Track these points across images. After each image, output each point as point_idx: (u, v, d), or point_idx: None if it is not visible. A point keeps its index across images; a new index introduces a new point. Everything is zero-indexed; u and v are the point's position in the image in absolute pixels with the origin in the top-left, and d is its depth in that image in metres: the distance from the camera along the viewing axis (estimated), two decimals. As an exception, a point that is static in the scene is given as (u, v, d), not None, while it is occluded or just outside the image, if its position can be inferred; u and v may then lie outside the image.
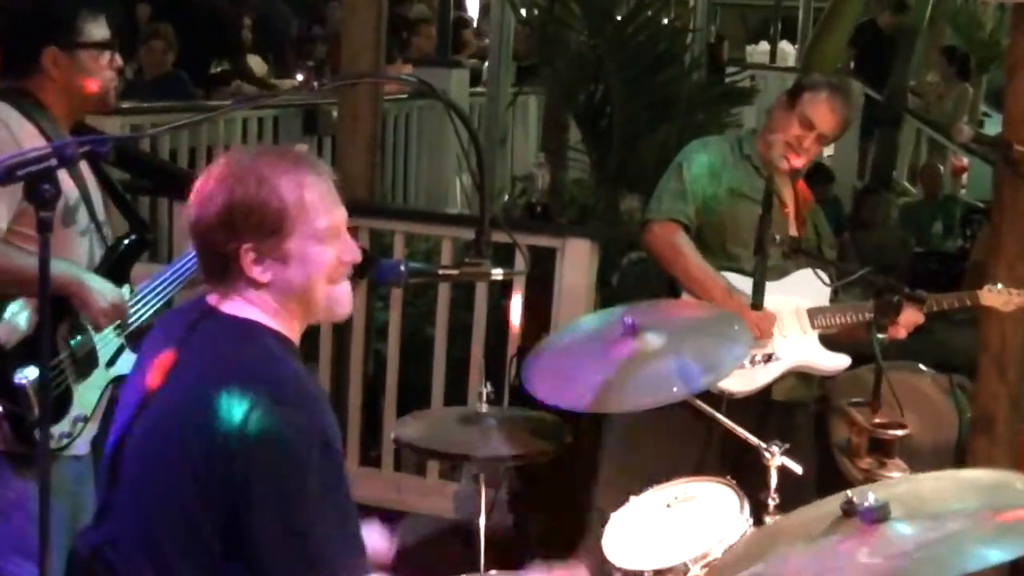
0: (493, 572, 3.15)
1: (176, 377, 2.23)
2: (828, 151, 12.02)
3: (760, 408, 3.96)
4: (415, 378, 5.74)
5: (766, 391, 3.99)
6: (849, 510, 2.20)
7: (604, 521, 3.06)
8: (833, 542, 2.17)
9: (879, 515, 2.09)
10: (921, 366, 5.47)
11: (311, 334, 5.74)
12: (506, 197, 7.90)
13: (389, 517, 2.89)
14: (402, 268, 2.59)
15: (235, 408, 2.10)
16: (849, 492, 2.25)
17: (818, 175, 9.34)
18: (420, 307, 6.49)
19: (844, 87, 4.18)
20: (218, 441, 2.10)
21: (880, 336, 3.29)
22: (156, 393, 2.25)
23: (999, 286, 4.01)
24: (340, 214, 2.31)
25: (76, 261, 3.19)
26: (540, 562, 2.70)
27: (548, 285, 5.34)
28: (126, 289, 3.31)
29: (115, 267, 3.31)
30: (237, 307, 2.27)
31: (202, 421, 2.12)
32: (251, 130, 7.71)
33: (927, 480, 2.47)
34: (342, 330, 5.74)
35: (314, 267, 2.27)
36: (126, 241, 3.38)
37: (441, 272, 2.65)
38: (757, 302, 3.11)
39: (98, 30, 3.24)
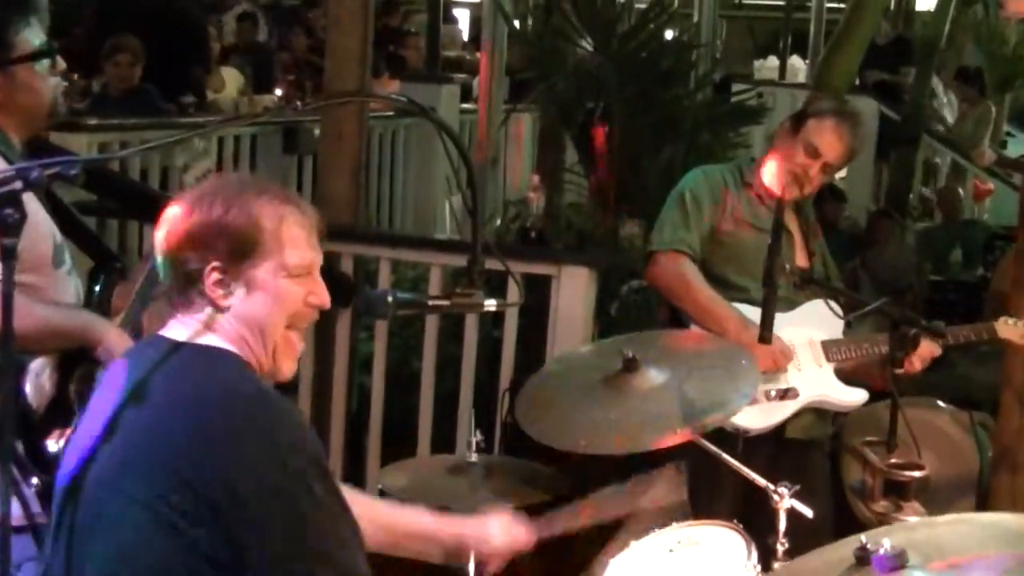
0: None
1: (143, 408, 2.23)
2: (841, 173, 12.09)
3: (774, 447, 3.98)
4: (401, 414, 5.74)
5: (781, 429, 4.01)
6: (863, 557, 2.18)
7: (603, 567, 3.06)
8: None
9: (896, 563, 2.09)
10: (940, 402, 5.49)
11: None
12: (498, 221, 7.91)
13: (374, 563, 2.90)
14: (389, 299, 2.59)
15: (210, 433, 2.14)
16: (863, 537, 2.24)
17: (829, 197, 9.40)
18: (407, 338, 6.49)
19: (852, 114, 4.20)
20: (207, 468, 2.12)
21: (899, 371, 3.30)
22: (122, 423, 2.25)
23: (1014, 320, 4.03)
24: (316, 257, 2.35)
25: (69, 303, 3.16)
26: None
27: (543, 315, 5.35)
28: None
29: (99, 307, 3.29)
30: (198, 335, 2.29)
31: (171, 450, 2.15)
32: (227, 148, 7.74)
33: (946, 524, 2.46)
34: (324, 362, 5.75)
35: (279, 302, 2.30)
36: (102, 276, 3.34)
37: (431, 303, 2.65)
38: (765, 335, 3.13)
39: (31, 38, 3.12)
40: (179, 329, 2.31)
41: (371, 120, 7.17)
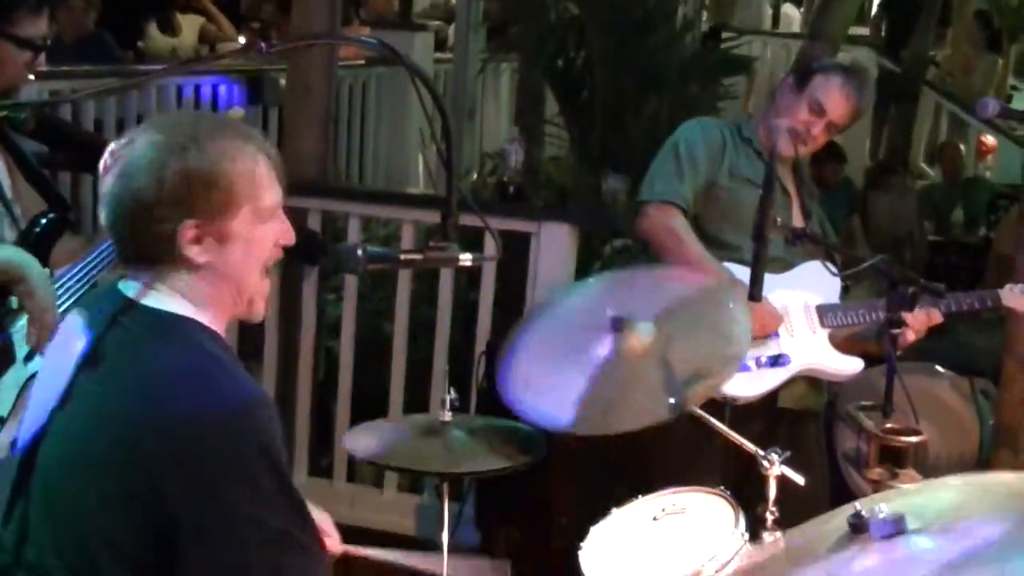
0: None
1: (96, 385, 2.23)
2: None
3: (766, 418, 4.00)
4: (372, 381, 5.76)
5: (772, 399, 4.02)
6: (859, 524, 2.18)
7: (583, 535, 3.08)
8: (843, 562, 2.16)
9: (895, 528, 2.10)
10: (939, 369, 5.52)
11: (255, 329, 5.77)
12: (475, 176, 7.90)
13: (343, 533, 2.92)
14: (359, 253, 2.59)
15: (170, 410, 2.12)
16: (857, 504, 2.24)
17: (828, 156, 9.41)
18: (378, 302, 6.51)
19: (860, 72, 4.19)
20: (150, 445, 2.11)
21: (895, 331, 3.31)
22: (77, 394, 2.26)
23: (1021, 286, 4.04)
24: (279, 192, 2.32)
25: None
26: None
27: (522, 274, 5.37)
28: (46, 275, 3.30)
29: (32, 251, 3.30)
30: (162, 299, 2.27)
31: (134, 424, 2.14)
32: (187, 99, 7.70)
33: (944, 486, 2.48)
34: (290, 325, 5.76)
35: (254, 251, 2.28)
36: (43, 221, 3.35)
37: (403, 257, 2.65)
38: (755, 292, 3.13)
39: (33, 25, 3.27)
40: (141, 289, 2.28)
41: (340, 70, 7.15)
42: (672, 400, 3.10)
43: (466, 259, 2.67)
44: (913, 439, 3.14)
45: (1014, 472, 3.12)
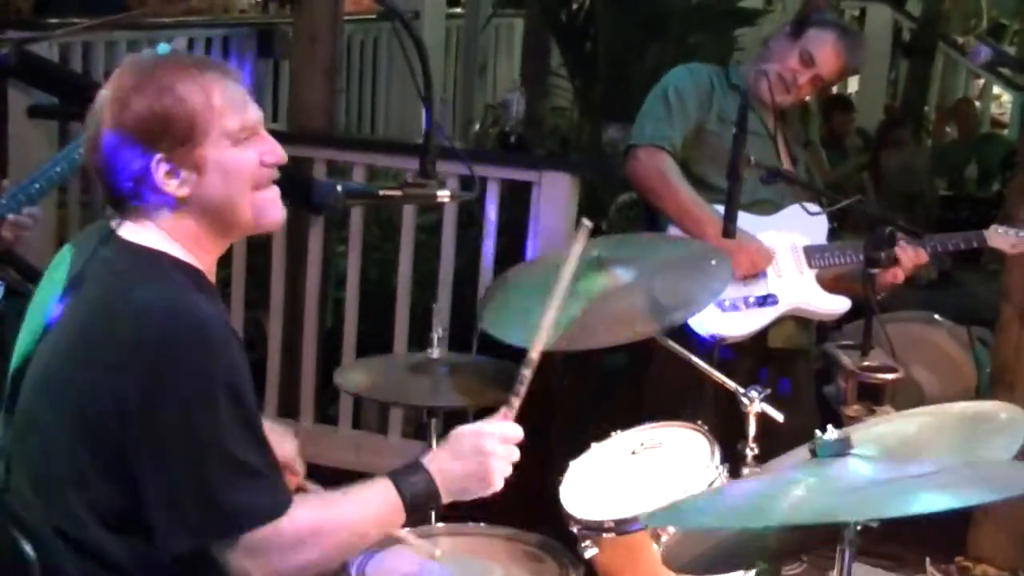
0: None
1: (72, 308, 2.31)
2: (853, 86, 12.06)
3: (757, 357, 4.05)
4: (379, 331, 5.81)
5: (762, 338, 4.08)
6: (814, 449, 2.27)
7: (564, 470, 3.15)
8: (785, 472, 2.24)
9: (838, 449, 2.17)
10: (937, 316, 5.55)
11: (263, 278, 5.84)
12: (477, 126, 7.89)
13: (349, 478, 2.97)
14: (338, 188, 2.64)
15: (131, 336, 2.19)
16: (818, 431, 2.32)
17: (837, 107, 9.41)
18: (387, 252, 6.54)
19: (855, 34, 4.32)
20: (104, 381, 2.19)
21: (872, 271, 3.36)
22: (57, 321, 2.33)
23: (1005, 228, 4.08)
24: (254, 113, 2.37)
25: None
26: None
27: (524, 224, 5.40)
28: None
29: None
30: (141, 234, 2.34)
31: (91, 354, 2.22)
32: (197, 49, 7.69)
33: (913, 417, 2.55)
34: (297, 275, 5.83)
35: (234, 173, 2.33)
36: None
37: (381, 193, 2.71)
38: (729, 230, 3.19)
39: None
40: (124, 225, 2.35)
41: (351, 24, 7.17)
42: (654, 322, 3.15)
43: (444, 195, 2.72)
44: (889, 376, 3.19)
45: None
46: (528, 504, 3.13)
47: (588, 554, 2.94)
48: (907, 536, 4.84)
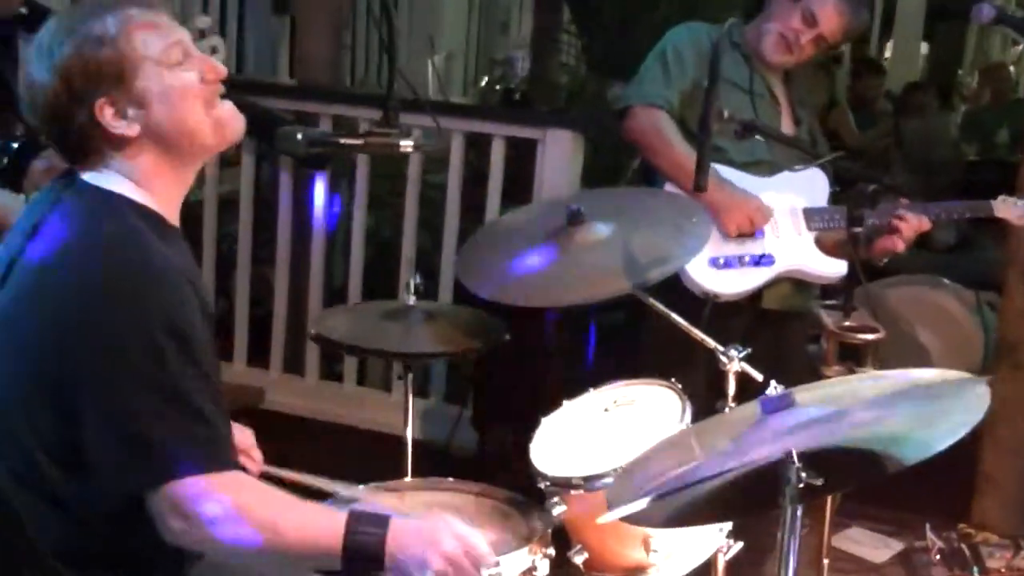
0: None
1: (31, 251, 2.31)
2: (887, 51, 11.97)
3: (751, 317, 4.01)
4: (388, 286, 5.82)
5: (756, 299, 4.04)
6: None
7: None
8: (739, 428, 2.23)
9: (779, 404, 2.15)
10: (944, 280, 5.49)
11: (270, 235, 5.86)
12: (483, 82, 7.85)
13: (351, 434, 2.96)
14: (299, 136, 2.62)
15: (69, 284, 2.20)
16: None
17: (865, 71, 9.31)
18: (399, 209, 6.55)
19: None
20: (49, 317, 2.20)
21: (857, 230, 3.30)
22: (14, 269, 2.33)
23: (1014, 198, 4.01)
24: (180, 34, 2.36)
25: None
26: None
27: (528, 181, 5.38)
28: (21, 200, 3.30)
29: (5, 174, 3.32)
30: (99, 177, 2.34)
31: (42, 291, 2.23)
32: (213, 10, 7.71)
33: (868, 378, 2.51)
34: (303, 231, 5.85)
35: (179, 97, 2.32)
36: (15, 145, 3.36)
37: (343, 141, 2.68)
38: (700, 182, 3.14)
39: None
40: (86, 171, 2.36)
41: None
42: (628, 279, 3.12)
43: (407, 146, 2.69)
44: (869, 336, 3.15)
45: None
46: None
47: (556, 511, 2.92)
48: (910, 502, 4.86)
